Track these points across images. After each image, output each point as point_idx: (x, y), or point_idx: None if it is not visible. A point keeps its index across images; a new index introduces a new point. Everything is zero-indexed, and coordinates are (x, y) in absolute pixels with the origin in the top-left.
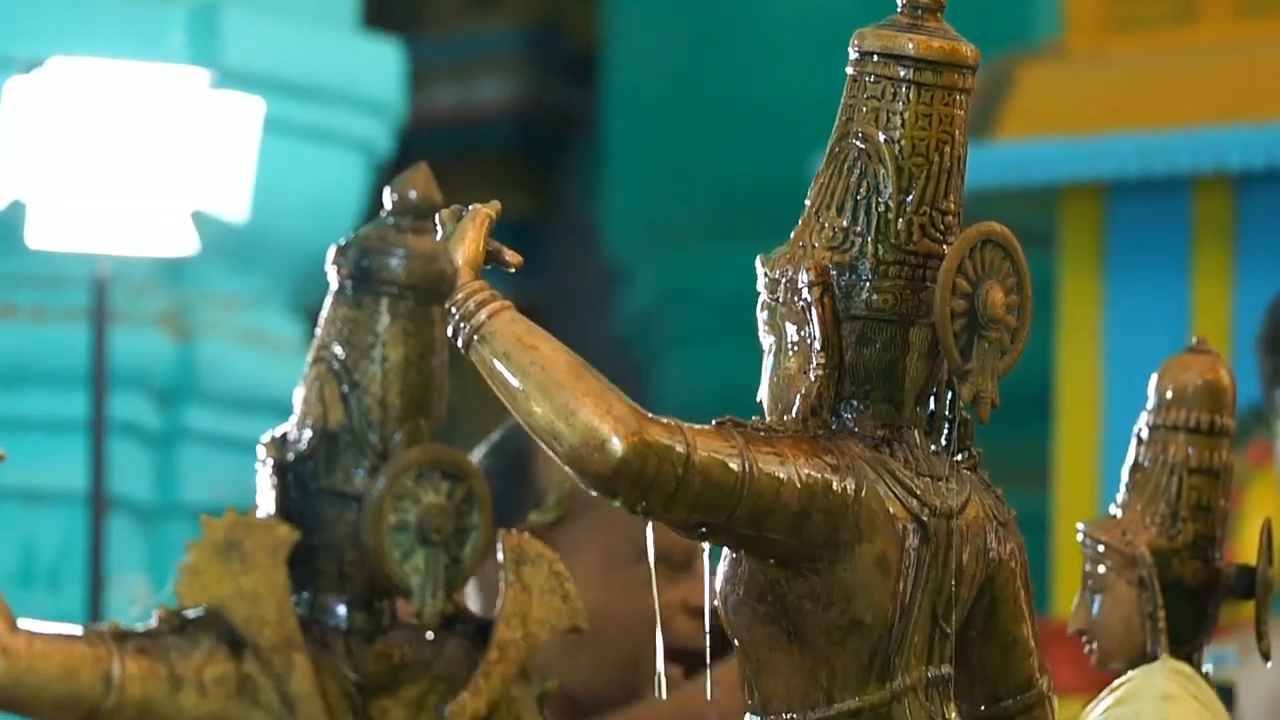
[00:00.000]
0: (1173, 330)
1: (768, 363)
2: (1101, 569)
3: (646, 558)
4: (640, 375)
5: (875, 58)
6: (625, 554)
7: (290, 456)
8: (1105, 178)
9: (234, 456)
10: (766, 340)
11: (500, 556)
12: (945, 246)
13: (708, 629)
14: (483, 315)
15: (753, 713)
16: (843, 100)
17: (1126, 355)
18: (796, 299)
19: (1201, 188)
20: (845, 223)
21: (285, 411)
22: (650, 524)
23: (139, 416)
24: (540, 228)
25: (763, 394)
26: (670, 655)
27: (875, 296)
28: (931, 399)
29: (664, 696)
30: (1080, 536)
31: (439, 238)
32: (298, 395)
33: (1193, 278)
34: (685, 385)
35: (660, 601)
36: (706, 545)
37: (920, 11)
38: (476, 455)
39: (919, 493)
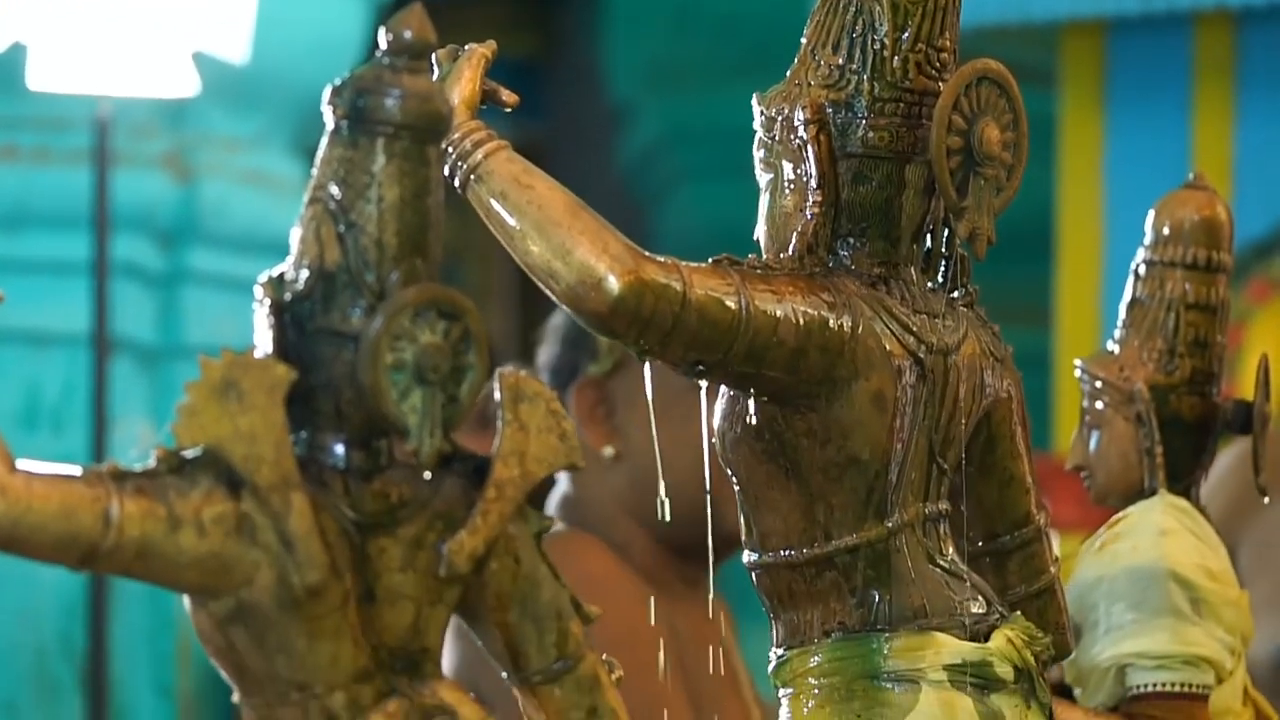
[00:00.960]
0: (1173, 167)
1: (764, 200)
2: (1099, 405)
3: (697, 389)
4: (642, 214)
5: None
6: (678, 388)
7: (287, 296)
8: (1106, 14)
9: (237, 297)
10: (763, 178)
11: (497, 395)
12: (941, 84)
13: (707, 470)
14: (479, 155)
15: (750, 549)
16: None
17: (1127, 192)
18: (793, 137)
19: (1203, 24)
20: (841, 60)
21: (287, 252)
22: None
23: (141, 258)
24: (542, 67)
25: (759, 232)
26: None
27: (871, 134)
28: (928, 236)
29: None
30: (1078, 373)
31: (435, 78)
32: (295, 235)
33: (1193, 114)
34: (686, 224)
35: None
36: (704, 384)
37: None
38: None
39: (915, 330)
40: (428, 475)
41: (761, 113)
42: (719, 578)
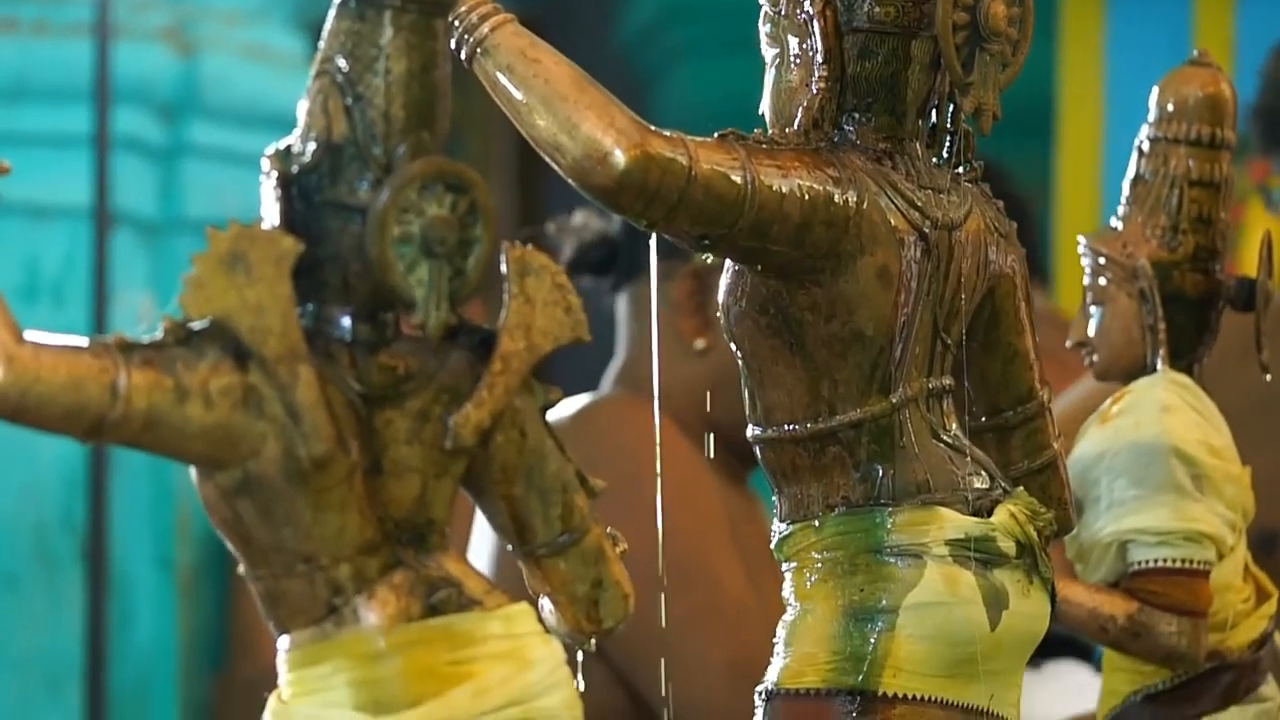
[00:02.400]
0: (1174, 45)
1: (770, 76)
2: (1102, 281)
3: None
4: (643, 90)
5: None
6: None
7: (294, 169)
8: None
9: (237, 171)
10: (769, 53)
11: (504, 268)
12: None
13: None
14: (486, 28)
15: (755, 424)
16: None
17: (1127, 70)
18: (798, 11)
19: None
20: None
21: (288, 126)
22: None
23: (142, 131)
24: None
25: (765, 107)
26: None
27: (877, 9)
28: (933, 112)
29: None
30: (1081, 249)
31: None
32: (301, 108)
33: None
34: (688, 99)
35: None
36: (709, 257)
37: None
38: None
39: (920, 205)
40: (434, 348)
41: None
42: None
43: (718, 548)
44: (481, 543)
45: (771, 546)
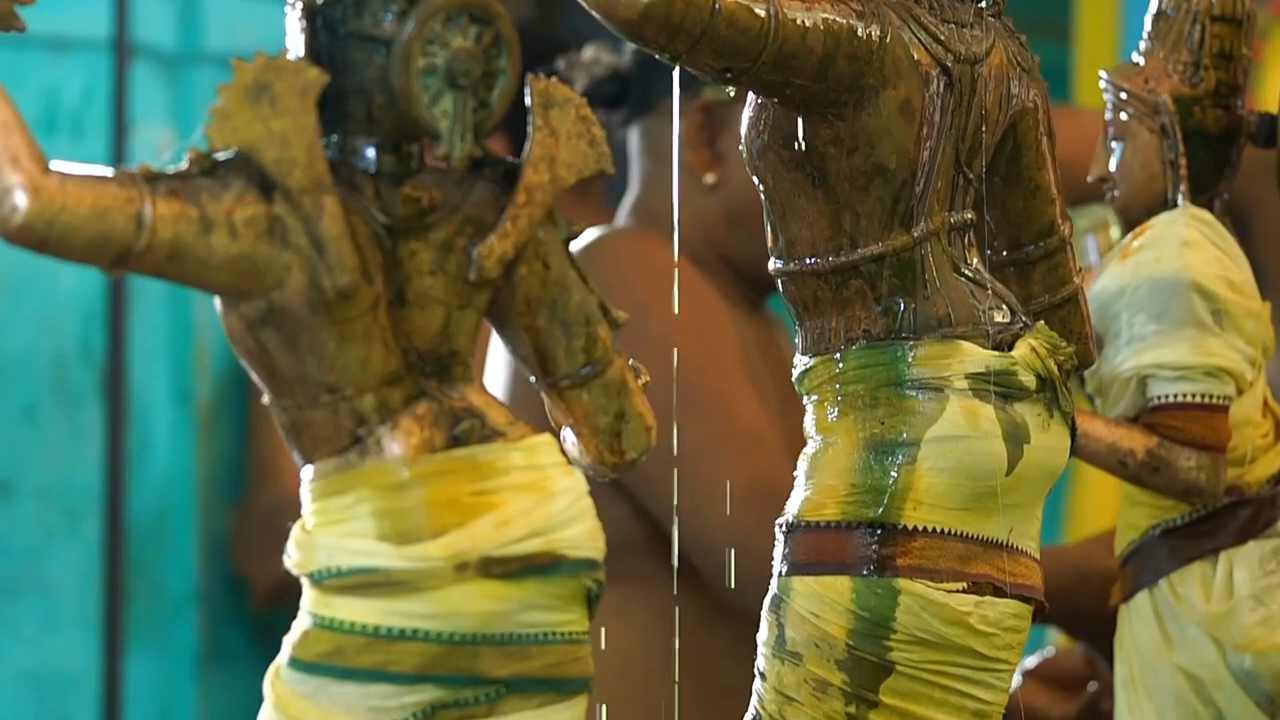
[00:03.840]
0: None
1: None
2: (1124, 116)
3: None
4: None
5: None
6: None
7: (319, 1)
8: None
9: (256, 4)
10: None
11: (528, 100)
12: None
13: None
14: None
15: (776, 257)
16: None
17: None
18: None
19: None
20: None
21: None
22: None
23: None
24: None
25: None
26: None
27: None
28: None
29: None
30: (1103, 84)
31: None
32: None
33: None
34: None
35: None
36: (731, 90)
37: None
38: None
39: (943, 39)
40: (458, 180)
41: None
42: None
43: (730, 375)
44: (496, 376)
45: (793, 379)
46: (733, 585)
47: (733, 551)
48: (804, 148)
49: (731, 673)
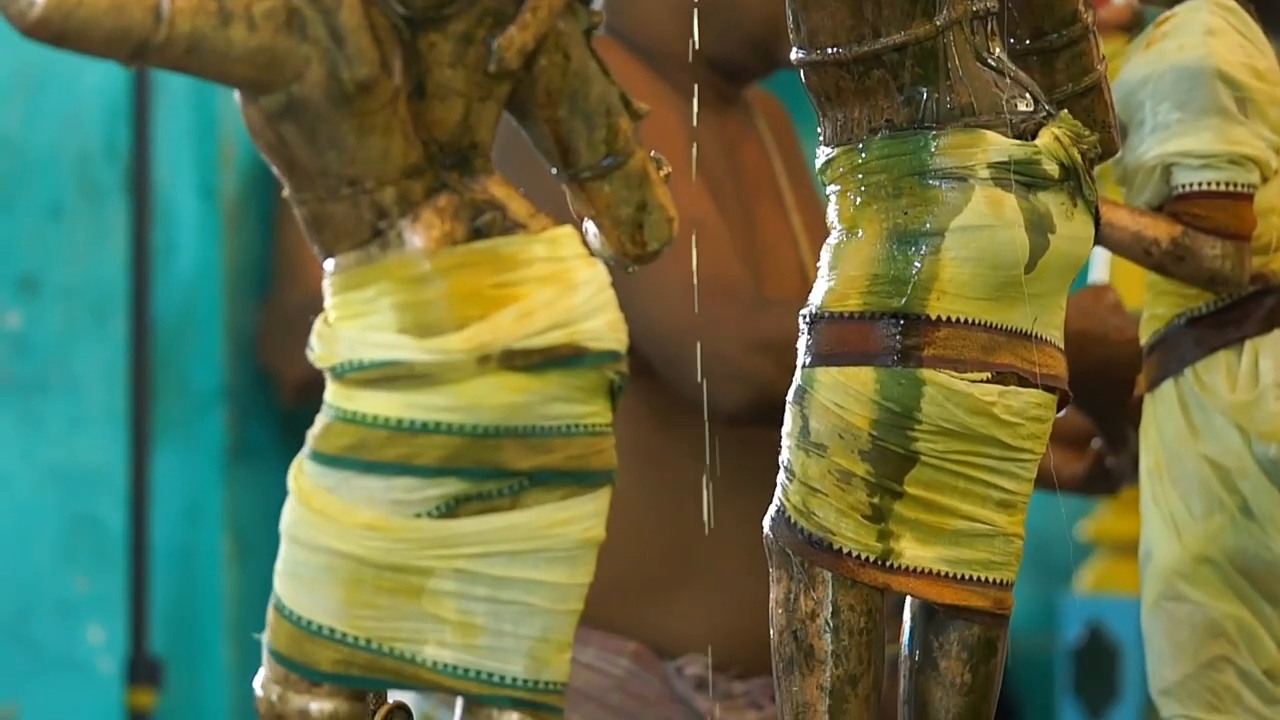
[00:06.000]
0: None
1: None
2: None
3: None
4: None
5: None
6: None
7: None
8: None
9: None
10: None
11: None
12: None
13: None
14: None
15: (799, 46)
16: None
17: None
18: None
19: None
20: None
21: None
22: None
23: None
24: None
25: None
26: None
27: None
28: None
29: None
30: None
31: None
32: None
33: None
34: None
35: None
36: None
37: None
38: None
39: None
40: None
41: None
42: (757, 88)
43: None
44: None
45: (816, 170)
46: (700, 379)
47: (689, 341)
48: None
49: (691, 471)
